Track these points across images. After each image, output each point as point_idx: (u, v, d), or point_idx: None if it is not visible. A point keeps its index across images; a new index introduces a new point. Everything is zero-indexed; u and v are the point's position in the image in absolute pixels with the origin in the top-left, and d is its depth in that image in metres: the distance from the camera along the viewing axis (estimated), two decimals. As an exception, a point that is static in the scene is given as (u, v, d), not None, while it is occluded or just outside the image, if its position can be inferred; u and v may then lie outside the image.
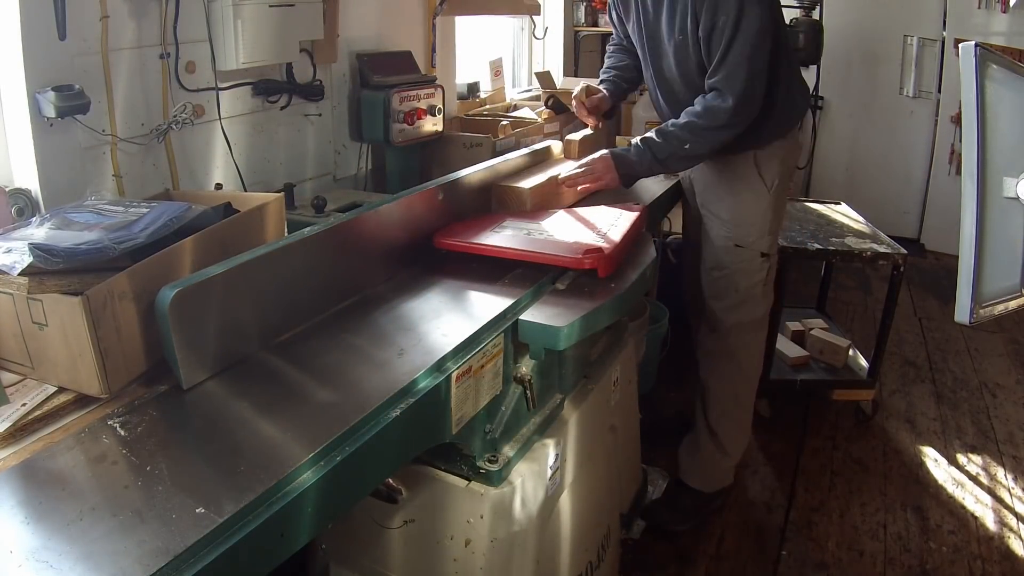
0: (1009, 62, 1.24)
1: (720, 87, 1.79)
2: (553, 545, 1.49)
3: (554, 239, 1.59)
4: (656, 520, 2.20)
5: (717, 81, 1.79)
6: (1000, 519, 2.33)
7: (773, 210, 2.05)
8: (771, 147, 2.00)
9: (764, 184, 2.02)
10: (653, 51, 1.98)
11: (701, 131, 1.82)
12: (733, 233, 2.06)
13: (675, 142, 1.85)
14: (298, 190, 2.29)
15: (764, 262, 2.08)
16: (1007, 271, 1.28)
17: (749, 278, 2.08)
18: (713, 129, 1.81)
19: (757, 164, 2.00)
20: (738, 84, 1.76)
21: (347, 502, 1.00)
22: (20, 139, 1.64)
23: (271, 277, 1.19)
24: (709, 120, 1.81)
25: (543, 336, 1.30)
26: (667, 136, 1.86)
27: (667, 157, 1.87)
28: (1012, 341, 3.56)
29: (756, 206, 2.04)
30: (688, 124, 1.83)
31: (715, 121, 1.80)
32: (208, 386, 1.09)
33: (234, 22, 1.96)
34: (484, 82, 3.45)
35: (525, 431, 1.41)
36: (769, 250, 2.08)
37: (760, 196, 2.03)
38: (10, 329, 1.09)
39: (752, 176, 2.01)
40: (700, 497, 2.26)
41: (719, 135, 1.82)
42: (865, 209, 3.20)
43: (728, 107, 1.77)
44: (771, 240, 2.08)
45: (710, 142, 1.84)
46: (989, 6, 4.39)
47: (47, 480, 0.88)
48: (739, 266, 2.07)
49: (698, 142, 1.83)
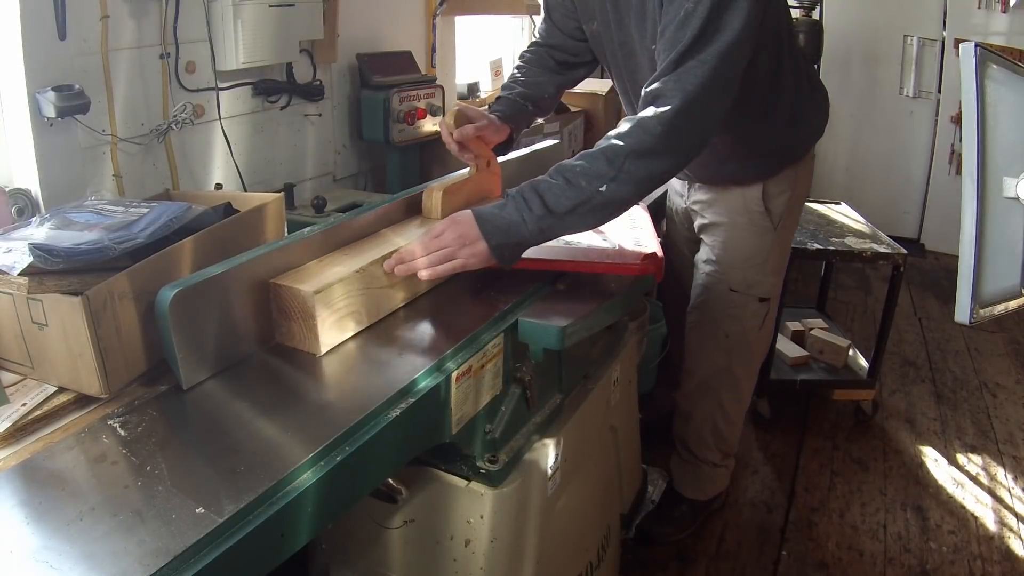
0: (1009, 62, 1.25)
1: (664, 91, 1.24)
2: (553, 545, 1.49)
3: (597, 247, 1.49)
4: (652, 534, 2.13)
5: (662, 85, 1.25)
6: (1000, 519, 2.33)
7: (779, 247, 1.76)
8: (782, 175, 1.70)
9: (770, 220, 1.71)
10: (626, 61, 1.56)
11: (626, 157, 1.22)
12: (726, 275, 1.78)
13: (584, 182, 1.22)
14: (298, 190, 2.30)
15: (762, 307, 1.81)
16: (1007, 271, 1.28)
17: (740, 324, 1.82)
18: (642, 156, 1.23)
19: (765, 196, 1.69)
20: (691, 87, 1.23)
21: (347, 502, 1.00)
22: (20, 139, 1.64)
23: (271, 277, 1.19)
24: (638, 140, 1.23)
25: (543, 336, 1.29)
26: (571, 174, 1.23)
27: (573, 208, 1.22)
28: (1012, 341, 3.56)
29: (758, 245, 1.75)
30: (608, 150, 1.24)
31: (645, 142, 1.23)
32: (208, 386, 1.09)
33: (234, 22, 1.96)
34: (484, 82, 3.44)
35: (525, 431, 1.41)
36: (769, 293, 1.80)
37: (763, 233, 1.72)
38: (10, 329, 1.09)
39: (757, 211, 1.72)
40: (696, 505, 2.22)
41: (652, 164, 1.24)
42: (865, 209, 3.20)
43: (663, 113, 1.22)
44: (773, 283, 1.80)
45: (638, 176, 1.24)
46: (989, 6, 4.38)
47: (47, 480, 0.88)
48: (730, 311, 1.81)
49: (621, 176, 1.22)
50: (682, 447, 2.18)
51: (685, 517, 2.21)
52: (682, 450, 2.19)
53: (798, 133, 1.68)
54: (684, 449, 2.17)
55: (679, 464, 2.23)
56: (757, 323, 1.85)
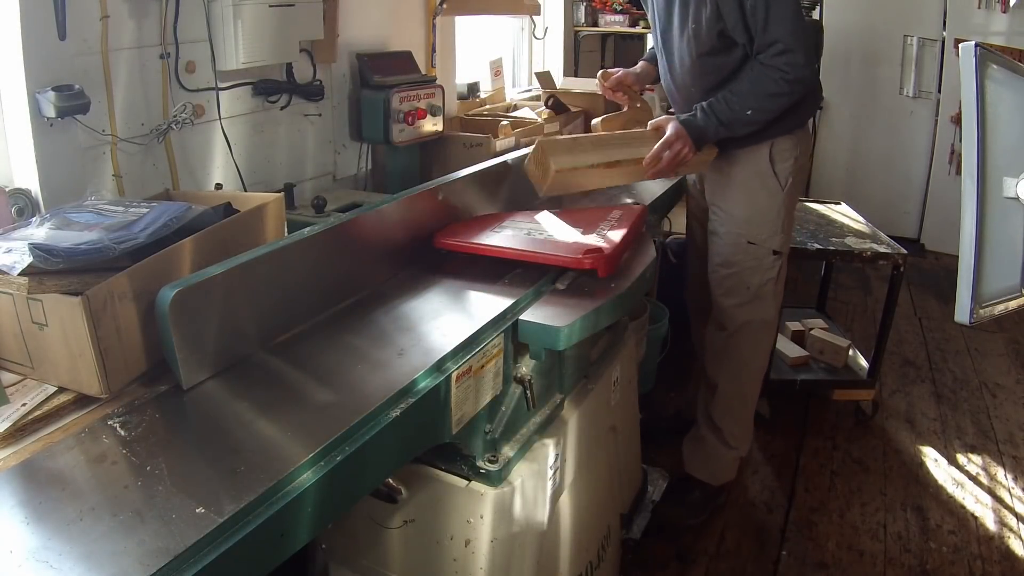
0: (1009, 62, 1.25)
1: (781, 46, 1.76)
2: (553, 545, 1.49)
3: (554, 239, 1.59)
4: (667, 518, 2.18)
5: (769, 55, 1.78)
6: (1000, 519, 2.33)
7: (786, 208, 2.05)
8: (785, 142, 2.00)
9: (778, 181, 2.01)
10: (666, 44, 1.99)
11: (761, 95, 1.82)
12: (745, 230, 2.05)
13: (737, 106, 1.84)
14: (298, 190, 2.30)
15: (776, 260, 2.07)
16: (1007, 271, 1.28)
17: (760, 276, 2.07)
18: (771, 96, 1.81)
19: (772, 160, 2.00)
20: (792, 56, 1.75)
21: (347, 502, 1.00)
22: (20, 139, 1.65)
23: (271, 277, 1.19)
24: (767, 87, 1.80)
25: (543, 336, 1.30)
26: (730, 101, 1.85)
27: (731, 121, 1.85)
28: (1012, 341, 3.56)
29: (770, 203, 2.03)
30: (751, 89, 1.83)
31: (772, 88, 1.80)
32: (208, 386, 1.09)
33: (234, 22, 1.97)
34: (484, 82, 3.45)
35: (525, 431, 1.41)
36: (781, 248, 2.07)
37: (774, 193, 2.02)
38: (10, 329, 1.09)
39: (766, 173, 2.01)
40: (708, 491, 2.27)
41: (778, 100, 1.82)
42: (865, 209, 3.20)
43: (785, 75, 1.77)
44: (783, 238, 2.07)
45: (769, 106, 1.83)
46: (989, 6, 4.38)
47: (47, 480, 0.88)
48: (750, 263, 2.06)
49: (759, 107, 1.83)
50: (705, 421, 2.23)
51: (697, 503, 2.25)
52: (704, 424, 2.23)
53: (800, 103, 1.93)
54: (707, 422, 2.22)
55: (695, 445, 2.27)
56: (773, 275, 2.09)
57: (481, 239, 1.57)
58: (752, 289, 2.08)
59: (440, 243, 1.57)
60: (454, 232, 1.61)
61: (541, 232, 1.63)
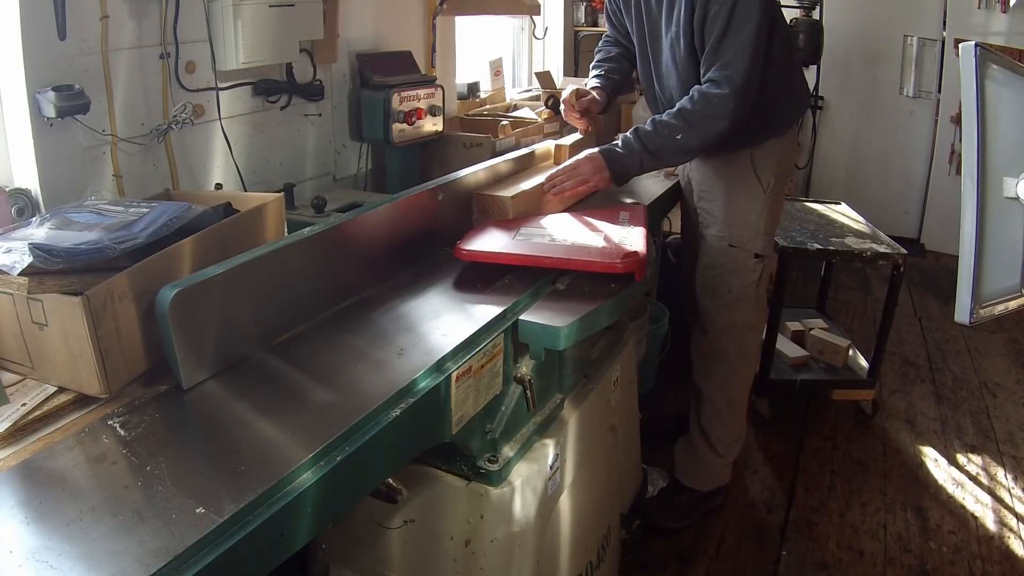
0: (1009, 62, 1.25)
1: (716, 77, 1.74)
2: (553, 545, 1.49)
3: (580, 244, 1.54)
4: (650, 518, 2.18)
5: (714, 71, 1.74)
6: (1000, 519, 2.33)
7: (769, 210, 2.03)
8: (768, 146, 1.98)
9: (760, 184, 1.99)
10: (653, 47, 1.95)
11: (695, 120, 1.75)
12: (727, 232, 2.04)
13: (667, 132, 1.78)
14: (298, 190, 2.30)
15: (758, 263, 2.05)
16: (1007, 271, 1.28)
17: (741, 279, 2.06)
18: (707, 119, 1.75)
19: (753, 163, 1.98)
20: (735, 74, 1.71)
21: (347, 502, 1.00)
22: (20, 139, 1.65)
23: (271, 277, 1.19)
24: (703, 109, 1.74)
25: (543, 336, 1.30)
26: (658, 126, 1.80)
27: (659, 149, 1.79)
28: (1012, 341, 3.56)
29: (751, 206, 2.01)
30: (681, 112, 1.77)
31: (709, 110, 1.74)
32: (208, 386, 1.09)
33: (234, 22, 1.97)
34: (484, 82, 3.45)
35: (525, 431, 1.41)
36: (763, 251, 2.05)
37: (755, 196, 2.00)
38: (10, 329, 1.09)
39: (748, 176, 1.99)
40: (696, 496, 2.25)
41: (713, 125, 1.76)
42: (865, 209, 3.20)
43: (724, 94, 1.72)
44: (765, 241, 2.06)
45: (703, 133, 1.77)
46: (989, 6, 4.39)
47: (47, 480, 0.88)
48: (731, 266, 2.05)
49: (691, 132, 1.77)
50: (694, 427, 2.22)
51: (684, 506, 2.24)
52: (694, 431, 2.23)
53: (782, 106, 1.96)
54: (696, 429, 2.21)
55: (684, 451, 2.27)
56: (755, 279, 2.07)
57: (509, 248, 1.51)
58: (733, 292, 2.07)
59: (463, 254, 1.50)
60: (472, 240, 1.55)
61: (564, 237, 1.59)
